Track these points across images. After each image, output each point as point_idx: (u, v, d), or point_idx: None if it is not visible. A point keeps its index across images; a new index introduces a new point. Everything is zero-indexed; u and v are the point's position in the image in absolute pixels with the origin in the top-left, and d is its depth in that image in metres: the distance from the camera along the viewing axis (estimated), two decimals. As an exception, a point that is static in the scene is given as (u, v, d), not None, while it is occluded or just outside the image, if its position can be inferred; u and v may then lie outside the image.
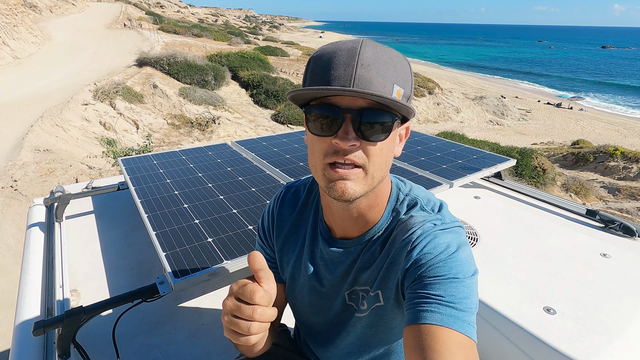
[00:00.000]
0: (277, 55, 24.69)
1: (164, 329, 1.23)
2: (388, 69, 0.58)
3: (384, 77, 0.57)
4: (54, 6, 34.49)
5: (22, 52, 17.07)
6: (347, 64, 0.56)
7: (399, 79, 0.59)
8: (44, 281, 1.33)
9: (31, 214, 1.74)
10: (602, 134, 21.06)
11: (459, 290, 0.58)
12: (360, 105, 0.58)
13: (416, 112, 0.64)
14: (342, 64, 0.57)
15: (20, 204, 5.59)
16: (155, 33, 26.43)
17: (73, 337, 1.02)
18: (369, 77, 0.56)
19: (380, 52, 0.58)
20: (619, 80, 46.56)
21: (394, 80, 0.58)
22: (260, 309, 0.54)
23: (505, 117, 22.98)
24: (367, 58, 0.57)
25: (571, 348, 0.94)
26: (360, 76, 0.56)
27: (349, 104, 0.58)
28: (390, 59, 0.59)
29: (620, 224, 1.64)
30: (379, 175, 0.63)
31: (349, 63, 0.56)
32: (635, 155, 12.16)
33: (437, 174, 1.93)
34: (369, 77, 0.56)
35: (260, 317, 0.54)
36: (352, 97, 0.57)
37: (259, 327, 0.54)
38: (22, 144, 7.37)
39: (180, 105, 12.80)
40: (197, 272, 1.14)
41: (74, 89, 11.59)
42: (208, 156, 2.22)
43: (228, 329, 0.56)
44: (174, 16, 57.38)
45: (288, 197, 0.85)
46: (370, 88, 0.56)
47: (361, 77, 0.56)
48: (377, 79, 0.56)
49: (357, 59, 0.56)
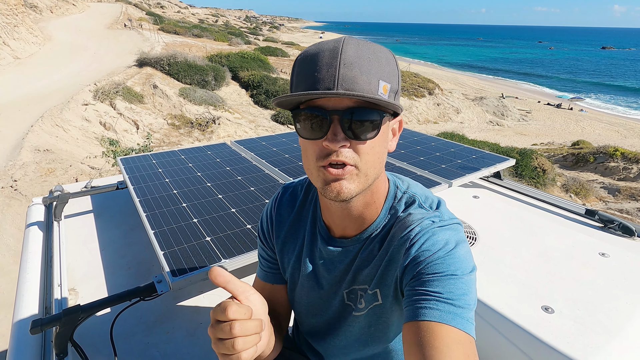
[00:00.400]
0: (278, 55, 24.69)
1: (162, 328, 1.23)
2: (372, 65, 0.57)
3: (368, 74, 0.56)
4: (55, 6, 34.53)
5: (22, 52, 17.09)
6: (330, 65, 0.56)
7: (384, 74, 0.58)
8: (42, 280, 1.33)
9: (30, 213, 1.74)
10: (602, 134, 21.05)
11: (458, 286, 0.59)
12: (346, 105, 0.57)
13: (404, 108, 0.64)
14: (325, 65, 0.56)
15: (20, 204, 5.59)
16: (155, 33, 26.46)
17: (71, 336, 1.02)
18: (353, 76, 0.55)
19: (362, 49, 0.58)
20: (619, 81, 46.56)
21: (379, 75, 0.57)
22: (239, 324, 0.50)
23: (505, 117, 22.97)
24: (349, 56, 0.56)
25: (570, 347, 0.93)
26: (343, 76, 0.55)
27: (335, 105, 0.58)
28: (374, 54, 0.58)
29: (620, 224, 1.63)
30: (373, 172, 0.63)
31: (332, 63, 0.56)
32: (636, 156, 12.16)
33: (436, 174, 1.92)
34: (353, 75, 0.55)
35: (241, 331, 0.50)
36: (338, 97, 0.57)
37: (244, 342, 0.50)
38: (22, 144, 7.38)
39: (181, 105, 12.81)
40: (195, 270, 1.14)
41: (74, 89, 11.60)
42: (207, 155, 2.22)
43: (218, 354, 0.52)
44: (175, 16, 57.43)
45: (286, 198, 0.85)
46: (354, 87, 0.55)
47: (345, 77, 0.55)
48: (361, 77, 0.56)
49: (340, 59, 0.56)
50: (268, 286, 0.88)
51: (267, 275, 0.87)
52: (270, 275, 0.87)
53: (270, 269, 0.87)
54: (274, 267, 0.87)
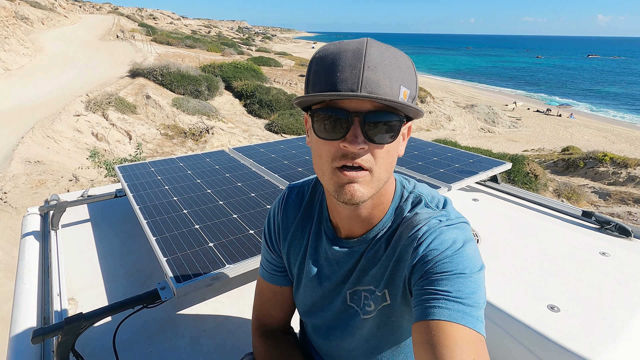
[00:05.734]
0: (270, 65, 24.86)
1: (165, 336, 1.20)
2: (394, 70, 0.56)
3: (390, 78, 0.56)
4: (46, 18, 34.44)
5: (12, 63, 16.97)
6: (354, 66, 0.55)
7: (404, 80, 0.58)
8: (40, 290, 1.30)
9: (25, 223, 1.70)
10: (590, 140, 21.46)
11: (466, 285, 0.58)
12: (368, 109, 0.57)
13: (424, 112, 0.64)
14: (349, 66, 0.55)
15: (10, 216, 5.49)
16: (148, 44, 26.50)
17: (72, 345, 0.99)
18: (377, 80, 0.54)
19: (385, 53, 0.57)
20: (605, 87, 47.70)
21: (400, 81, 0.57)
22: None
23: (496, 124, 23.32)
24: (373, 59, 0.55)
25: (577, 345, 0.94)
26: (367, 78, 0.54)
27: (357, 107, 0.57)
28: (395, 59, 0.58)
29: (616, 225, 1.66)
30: (385, 176, 0.63)
31: (355, 65, 0.55)
32: (624, 161, 12.39)
33: (436, 178, 1.94)
34: (377, 79, 0.54)
35: None
36: (361, 100, 0.56)
37: None
38: (13, 155, 7.27)
39: (174, 115, 12.77)
40: (199, 276, 1.13)
41: (66, 100, 11.52)
42: (206, 163, 2.21)
43: None
44: (167, 28, 57.65)
45: (292, 198, 0.84)
46: (378, 91, 0.54)
47: (369, 80, 0.54)
48: (384, 81, 0.55)
49: (364, 61, 0.55)
50: (278, 289, 0.87)
51: (273, 278, 0.87)
52: (276, 277, 0.86)
53: (276, 272, 0.86)
54: (278, 271, 0.86)
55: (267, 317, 0.90)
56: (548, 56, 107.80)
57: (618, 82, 53.60)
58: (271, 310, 0.89)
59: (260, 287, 0.90)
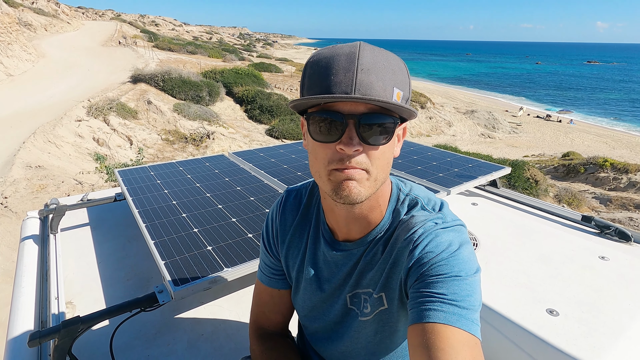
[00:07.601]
0: (271, 71, 25.02)
1: (163, 340, 1.20)
2: (387, 73, 0.58)
3: (383, 80, 0.57)
4: (49, 24, 34.75)
5: (15, 69, 17.09)
6: (347, 69, 0.56)
7: (397, 82, 0.59)
8: (38, 294, 1.30)
9: (25, 227, 1.70)
10: (591, 145, 21.47)
11: (462, 288, 0.58)
12: (362, 111, 0.58)
13: (417, 113, 0.64)
14: (342, 69, 0.56)
15: (10, 221, 5.49)
16: (150, 50, 26.69)
17: (69, 349, 0.99)
18: (370, 82, 0.56)
19: (378, 56, 0.58)
20: (604, 93, 47.85)
21: (393, 83, 0.58)
22: None
23: (497, 130, 23.36)
24: (366, 62, 0.56)
25: (577, 349, 0.93)
26: (361, 81, 0.55)
27: (352, 110, 0.58)
28: (388, 61, 0.59)
29: (616, 229, 1.65)
30: (382, 177, 0.64)
31: (349, 68, 0.56)
32: (625, 167, 12.39)
33: (435, 182, 1.94)
34: (370, 81, 0.56)
35: None
36: (354, 102, 0.57)
37: None
38: (14, 160, 7.29)
39: (175, 120, 12.82)
40: (197, 280, 1.12)
41: (68, 106, 11.58)
42: (205, 167, 2.21)
43: None
44: (169, 34, 58.11)
45: (290, 202, 0.85)
46: (371, 93, 0.55)
47: (362, 82, 0.55)
48: (377, 83, 0.56)
49: (357, 64, 0.56)
50: (276, 292, 0.87)
51: (271, 281, 0.87)
52: (274, 281, 0.86)
53: (274, 275, 0.86)
54: (276, 275, 0.86)
55: (264, 321, 0.90)
56: (547, 62, 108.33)
57: (618, 88, 53.79)
58: (269, 314, 0.89)
59: (258, 290, 0.90)
